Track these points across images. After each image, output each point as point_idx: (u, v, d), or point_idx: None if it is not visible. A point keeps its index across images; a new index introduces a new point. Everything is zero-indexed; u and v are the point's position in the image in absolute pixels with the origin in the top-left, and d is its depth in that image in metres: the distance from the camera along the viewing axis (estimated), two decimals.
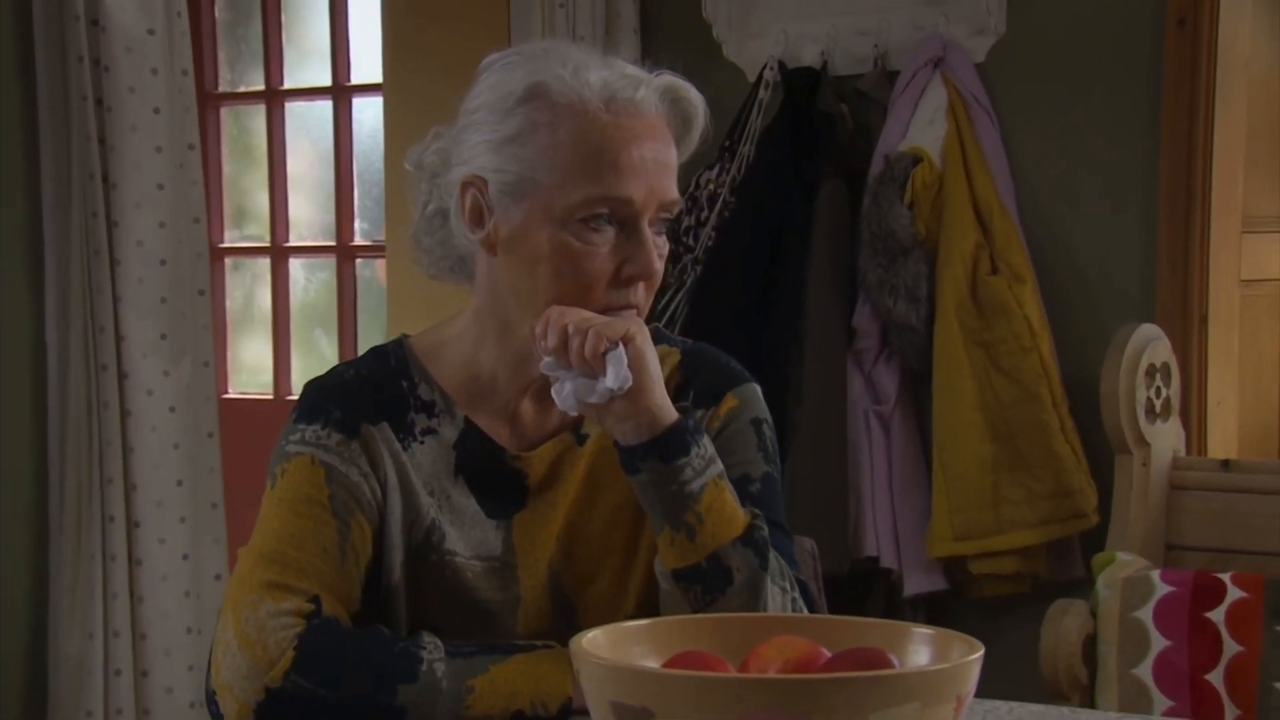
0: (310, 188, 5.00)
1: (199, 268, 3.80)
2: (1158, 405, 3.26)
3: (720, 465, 1.63)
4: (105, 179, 3.68)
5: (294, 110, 4.96)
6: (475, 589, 1.70)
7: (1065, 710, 1.66)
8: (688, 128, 1.70)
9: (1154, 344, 3.26)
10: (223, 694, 1.60)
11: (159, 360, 3.72)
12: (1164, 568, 3.12)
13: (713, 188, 3.71)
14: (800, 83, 3.73)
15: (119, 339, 3.68)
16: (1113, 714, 1.96)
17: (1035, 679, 3.03)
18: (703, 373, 1.78)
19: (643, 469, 1.59)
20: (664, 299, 3.70)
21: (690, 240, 3.71)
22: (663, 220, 1.67)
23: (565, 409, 1.60)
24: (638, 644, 1.37)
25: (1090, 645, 3.04)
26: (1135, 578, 3.03)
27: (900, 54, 3.69)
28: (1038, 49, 3.59)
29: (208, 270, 3.84)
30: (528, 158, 1.64)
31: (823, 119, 3.66)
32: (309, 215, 5.03)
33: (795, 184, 3.64)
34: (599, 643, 1.33)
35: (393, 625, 1.68)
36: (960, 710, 1.23)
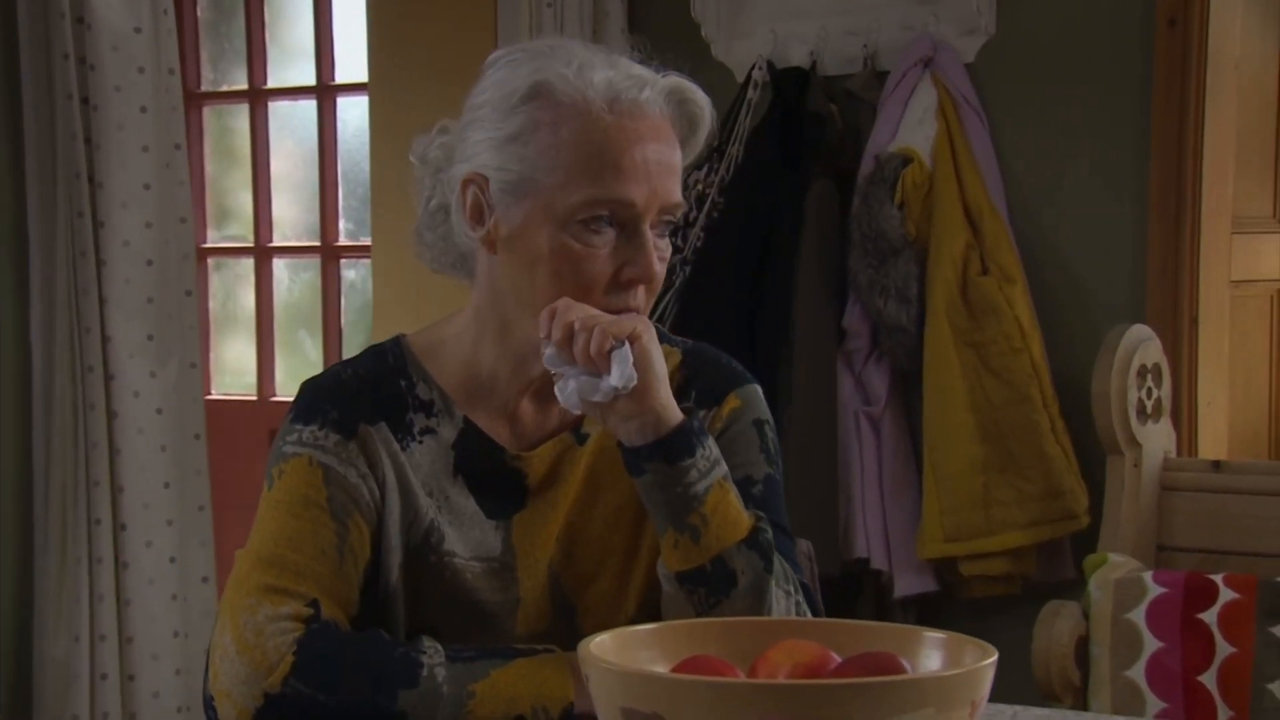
0: (294, 188, 4.97)
1: (186, 268, 3.78)
2: (1149, 406, 3.26)
3: (725, 467, 1.62)
4: (91, 178, 3.66)
5: (278, 110, 4.93)
6: (474, 590, 1.69)
7: (1070, 714, 1.65)
8: (693, 130, 1.68)
9: (1145, 345, 3.26)
10: (221, 700, 1.58)
11: (146, 361, 3.70)
12: (1155, 569, 3.11)
13: (701, 188, 3.69)
14: (789, 83, 3.72)
15: (105, 340, 3.66)
16: (1106, 717, 1.96)
17: (1027, 681, 3.03)
18: (704, 373, 1.77)
19: (647, 470, 1.58)
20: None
21: (679, 241, 3.70)
22: (665, 223, 1.65)
23: (568, 407, 1.58)
24: (645, 649, 1.36)
25: (1082, 647, 3.04)
26: (1127, 579, 3.02)
27: (890, 54, 3.68)
28: (1027, 49, 3.58)
29: (194, 271, 3.82)
30: (529, 157, 1.62)
31: (812, 119, 3.65)
32: (293, 216, 5.00)
33: (784, 184, 3.63)
34: (606, 647, 1.31)
35: (391, 627, 1.67)
36: (975, 715, 1.22)
